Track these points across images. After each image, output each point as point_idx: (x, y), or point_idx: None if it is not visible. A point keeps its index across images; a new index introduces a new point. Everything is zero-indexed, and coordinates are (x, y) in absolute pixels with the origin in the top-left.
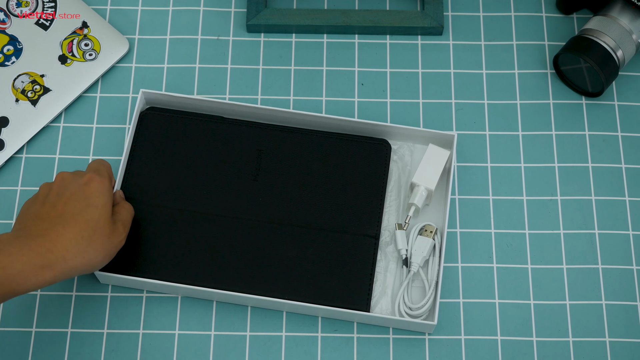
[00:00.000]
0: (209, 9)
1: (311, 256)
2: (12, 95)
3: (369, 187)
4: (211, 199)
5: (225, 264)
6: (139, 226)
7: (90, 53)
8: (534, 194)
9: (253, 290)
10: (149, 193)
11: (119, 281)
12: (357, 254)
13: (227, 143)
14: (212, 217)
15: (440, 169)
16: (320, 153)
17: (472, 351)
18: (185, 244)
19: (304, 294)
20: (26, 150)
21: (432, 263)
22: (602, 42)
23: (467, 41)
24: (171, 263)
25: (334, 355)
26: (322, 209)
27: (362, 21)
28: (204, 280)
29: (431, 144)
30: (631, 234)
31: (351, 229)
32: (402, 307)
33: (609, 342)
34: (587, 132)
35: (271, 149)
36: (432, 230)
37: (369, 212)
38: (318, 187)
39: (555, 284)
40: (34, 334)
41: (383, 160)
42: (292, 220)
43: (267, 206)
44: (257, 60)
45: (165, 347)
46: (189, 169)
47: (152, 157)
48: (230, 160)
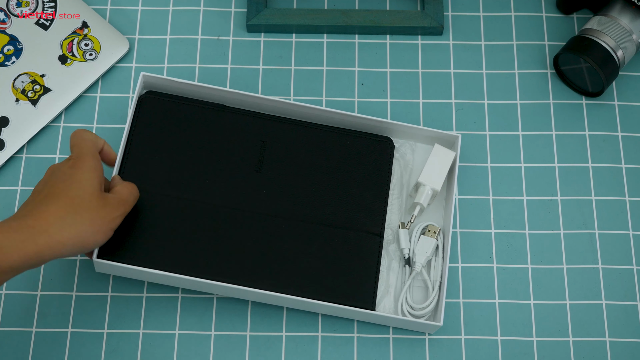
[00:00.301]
0: (209, 9)
1: (315, 252)
2: (12, 95)
3: (372, 184)
4: (213, 189)
5: (227, 256)
6: (139, 214)
7: (90, 53)
8: (534, 194)
9: (255, 284)
10: (148, 180)
11: (117, 270)
12: (362, 251)
13: (229, 132)
14: (214, 208)
15: (446, 170)
16: (324, 147)
17: (472, 351)
18: (187, 234)
19: (308, 290)
20: (26, 150)
21: (435, 263)
22: (602, 42)
23: (467, 41)
24: (172, 253)
25: (334, 355)
26: (326, 205)
27: (362, 21)
28: (205, 272)
29: (437, 144)
30: (631, 234)
31: (356, 226)
32: (405, 307)
33: (609, 342)
34: (587, 132)
35: (275, 141)
36: (435, 230)
37: (373, 210)
38: (322, 182)
39: (556, 284)
40: (34, 334)
41: (387, 158)
42: (296, 215)
43: (271, 199)
44: (257, 60)
45: (165, 347)
46: (190, 157)
47: (152, 142)
48: (233, 150)
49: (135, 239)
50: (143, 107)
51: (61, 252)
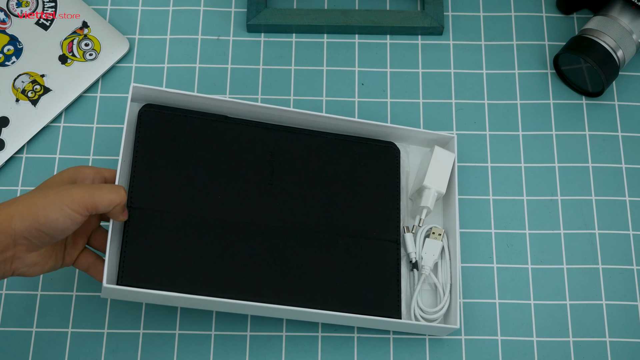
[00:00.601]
0: (209, 9)
1: (335, 263)
2: (12, 95)
3: (383, 191)
4: (226, 204)
5: (247, 273)
6: (152, 235)
7: (90, 53)
8: (534, 194)
9: (280, 300)
10: (158, 199)
11: (127, 295)
12: (381, 259)
13: (235, 144)
14: (227, 223)
15: (449, 172)
16: (332, 155)
17: (472, 351)
18: (202, 252)
19: (333, 302)
20: (26, 150)
21: (442, 266)
22: (603, 42)
23: (467, 41)
24: (189, 274)
25: (334, 355)
26: (340, 214)
27: (362, 21)
28: (226, 291)
29: (437, 146)
30: (631, 234)
31: (372, 234)
32: (417, 312)
33: (609, 342)
34: (587, 132)
35: (282, 151)
36: (439, 232)
37: (387, 217)
38: (333, 190)
39: (556, 284)
40: (34, 334)
41: (394, 163)
42: (312, 226)
43: (284, 211)
44: (257, 60)
45: (165, 347)
46: (199, 172)
47: (157, 159)
48: (242, 163)
49: (151, 261)
50: (143, 122)
51: (12, 228)
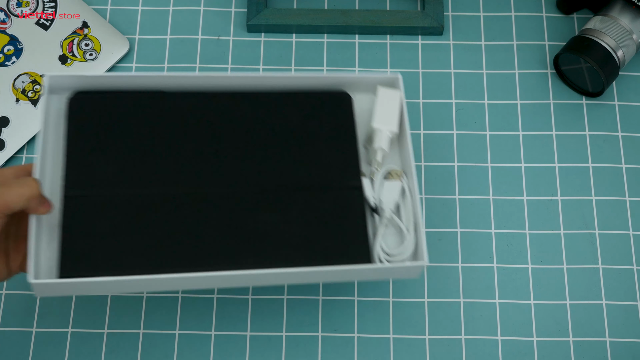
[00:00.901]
0: (209, 9)
1: (296, 219)
2: (12, 95)
3: (340, 140)
4: (170, 178)
5: (203, 244)
6: (88, 222)
7: (90, 53)
8: (534, 194)
9: (242, 265)
10: (93, 185)
11: (68, 289)
12: (345, 208)
13: (174, 117)
14: (175, 197)
15: (397, 111)
16: (280, 113)
17: (472, 351)
18: (150, 231)
19: (298, 258)
20: (26, 150)
21: (405, 206)
22: (603, 42)
23: (467, 41)
24: (139, 254)
25: (334, 355)
26: (297, 169)
27: (362, 21)
28: (181, 266)
29: (379, 86)
30: (631, 234)
31: (332, 184)
32: (383, 256)
33: (609, 342)
34: (588, 132)
35: (227, 117)
36: (398, 173)
37: (347, 165)
38: (286, 147)
39: (556, 284)
40: (34, 334)
41: (348, 111)
42: (267, 186)
43: (235, 176)
44: (257, 60)
45: (165, 347)
46: (136, 151)
47: (90, 145)
48: (183, 135)
49: (92, 249)
50: (72, 109)
51: None
